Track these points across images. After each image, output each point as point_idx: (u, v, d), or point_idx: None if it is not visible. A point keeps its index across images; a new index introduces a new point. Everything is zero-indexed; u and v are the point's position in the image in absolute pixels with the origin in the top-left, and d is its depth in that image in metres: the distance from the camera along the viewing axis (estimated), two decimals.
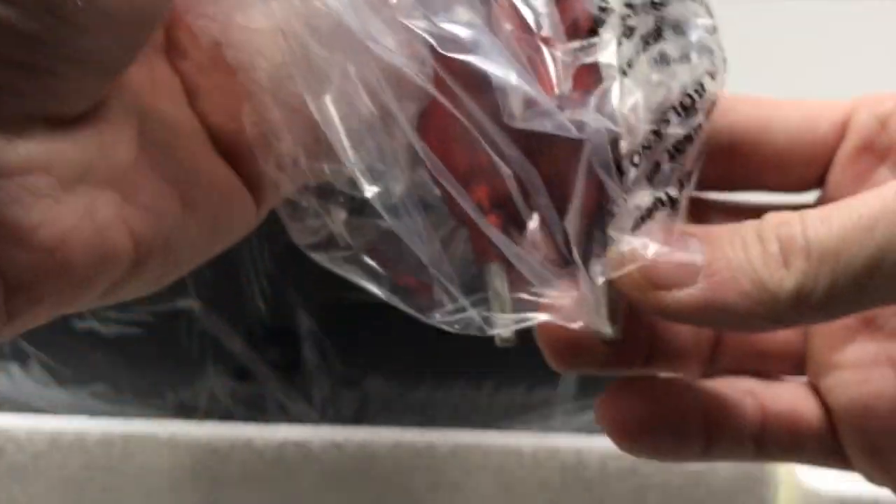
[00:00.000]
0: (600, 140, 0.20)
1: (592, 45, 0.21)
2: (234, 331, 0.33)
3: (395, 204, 0.21)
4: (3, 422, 0.32)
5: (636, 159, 0.21)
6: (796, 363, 0.25)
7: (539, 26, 0.21)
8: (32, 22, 0.16)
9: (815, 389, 0.24)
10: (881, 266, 0.21)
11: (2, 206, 0.16)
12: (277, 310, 0.33)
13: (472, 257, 0.22)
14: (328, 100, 0.20)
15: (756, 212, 0.23)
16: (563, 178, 0.21)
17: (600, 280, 0.21)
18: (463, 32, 0.20)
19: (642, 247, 0.21)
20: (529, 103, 0.20)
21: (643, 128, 0.21)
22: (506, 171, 0.20)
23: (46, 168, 0.17)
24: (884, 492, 0.33)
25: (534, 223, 0.21)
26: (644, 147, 0.22)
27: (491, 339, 0.34)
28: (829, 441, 0.23)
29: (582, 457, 0.32)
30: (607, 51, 0.21)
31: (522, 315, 0.22)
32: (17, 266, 0.17)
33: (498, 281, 0.22)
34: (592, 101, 0.21)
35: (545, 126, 0.20)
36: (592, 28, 0.21)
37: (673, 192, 0.22)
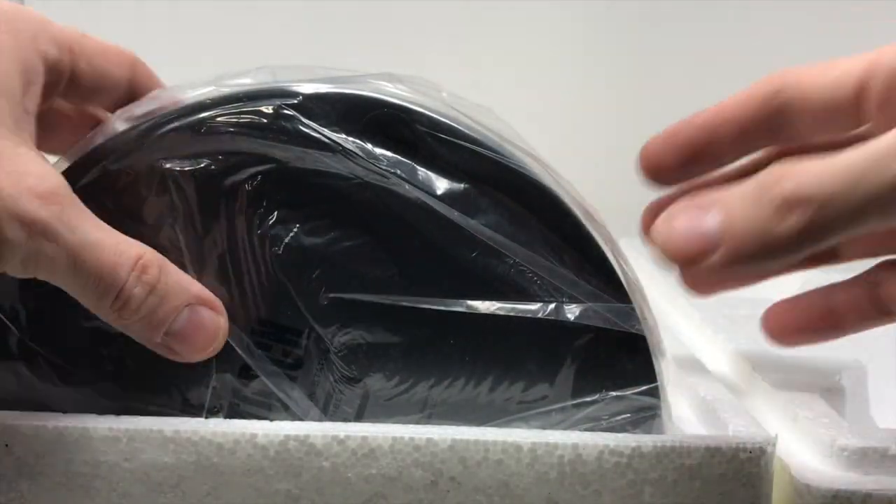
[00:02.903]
0: None
1: None
2: (238, 329, 0.34)
3: None
4: (10, 419, 0.32)
5: None
6: None
7: None
8: None
9: None
10: (870, 205, 0.26)
11: None
12: (280, 308, 0.34)
13: None
14: None
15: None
16: None
17: None
18: None
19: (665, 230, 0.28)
20: None
21: None
22: None
23: None
24: (876, 485, 0.33)
25: None
26: None
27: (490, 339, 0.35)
28: None
29: (579, 452, 0.32)
30: None
31: None
32: None
33: None
34: None
35: None
36: None
37: None
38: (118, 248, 0.31)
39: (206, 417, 0.34)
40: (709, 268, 0.27)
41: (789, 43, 0.81)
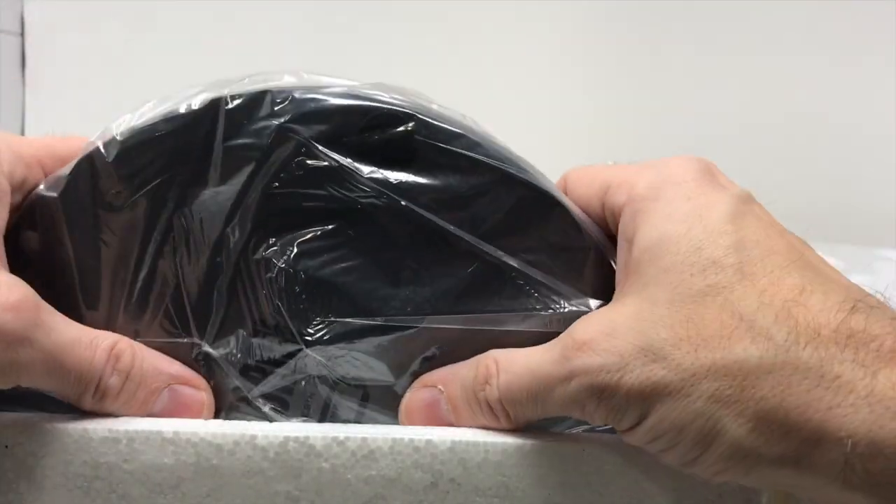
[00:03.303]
0: None
1: None
2: (236, 332, 0.34)
3: None
4: (10, 420, 0.32)
5: None
6: None
7: None
8: None
9: None
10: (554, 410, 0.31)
11: None
12: (278, 311, 0.34)
13: None
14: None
15: None
16: None
17: None
18: None
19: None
20: None
21: None
22: None
23: None
24: None
25: None
26: None
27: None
28: None
29: (580, 453, 0.32)
30: None
31: None
32: None
33: None
34: None
35: None
36: None
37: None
38: (93, 343, 0.32)
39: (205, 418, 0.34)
40: None
41: (789, 43, 0.81)
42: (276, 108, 0.32)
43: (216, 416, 0.34)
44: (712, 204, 0.31)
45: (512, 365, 0.32)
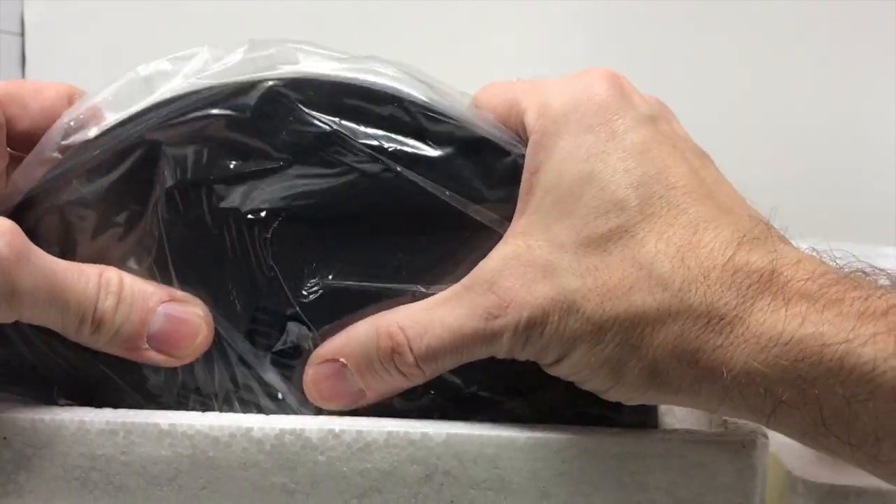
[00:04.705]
0: None
1: None
2: (234, 324, 0.34)
3: None
4: (8, 412, 0.32)
5: None
6: None
7: None
8: None
9: None
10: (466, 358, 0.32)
11: None
12: (276, 297, 0.34)
13: None
14: None
15: None
16: None
17: None
18: None
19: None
20: None
21: None
22: None
23: None
24: (872, 481, 0.33)
25: None
26: None
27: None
28: None
29: (575, 447, 0.32)
30: None
31: None
32: None
33: None
34: None
35: None
36: None
37: None
38: (83, 271, 0.32)
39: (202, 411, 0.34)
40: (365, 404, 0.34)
41: (788, 42, 0.81)
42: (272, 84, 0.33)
43: (209, 406, 0.34)
44: (616, 135, 0.32)
45: (427, 328, 0.32)
